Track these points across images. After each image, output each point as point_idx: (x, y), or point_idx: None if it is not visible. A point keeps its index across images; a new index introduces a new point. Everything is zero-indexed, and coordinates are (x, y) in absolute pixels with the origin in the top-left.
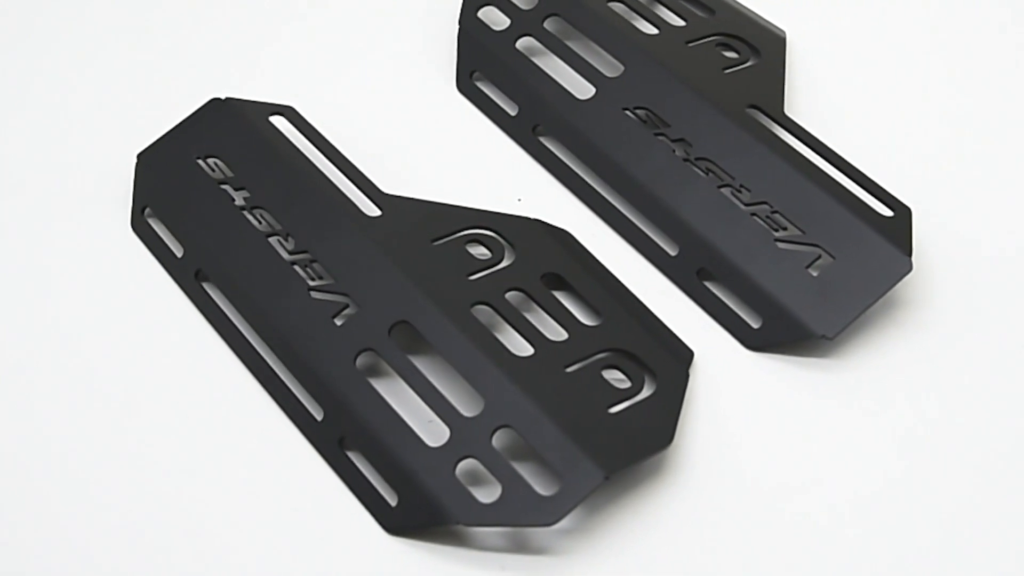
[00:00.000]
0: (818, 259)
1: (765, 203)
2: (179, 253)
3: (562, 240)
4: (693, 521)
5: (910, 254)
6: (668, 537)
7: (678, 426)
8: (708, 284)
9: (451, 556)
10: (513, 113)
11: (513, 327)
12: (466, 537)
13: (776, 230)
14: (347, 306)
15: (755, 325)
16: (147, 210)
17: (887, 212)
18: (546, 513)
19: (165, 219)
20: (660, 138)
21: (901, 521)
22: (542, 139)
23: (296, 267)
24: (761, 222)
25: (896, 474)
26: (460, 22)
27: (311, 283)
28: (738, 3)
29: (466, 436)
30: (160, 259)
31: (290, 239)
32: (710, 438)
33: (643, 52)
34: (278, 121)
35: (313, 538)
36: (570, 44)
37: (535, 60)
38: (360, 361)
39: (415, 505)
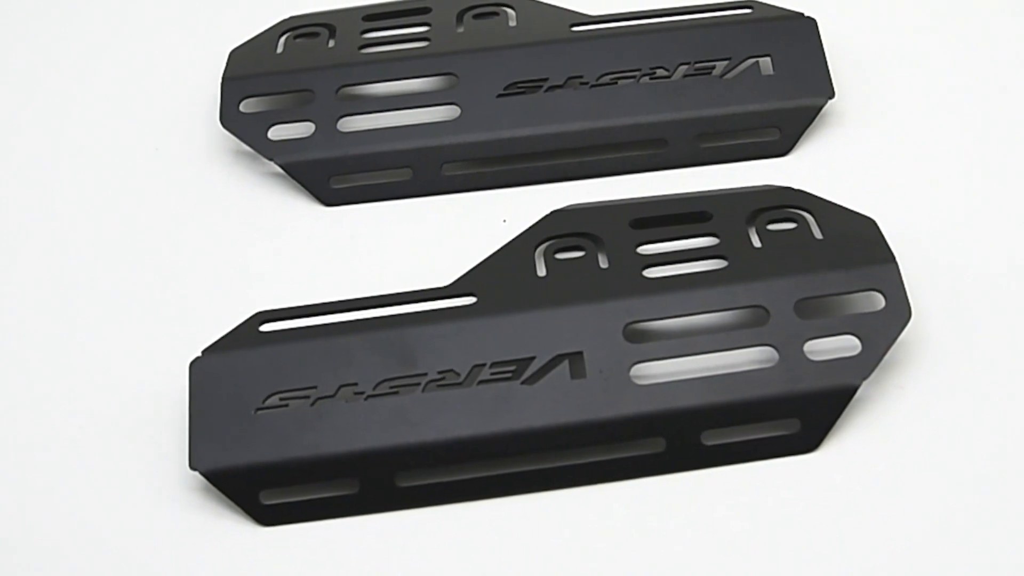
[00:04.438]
0: (758, 65)
1: (682, 64)
2: (331, 493)
3: (591, 206)
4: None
5: (803, 15)
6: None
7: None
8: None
9: (865, 417)
10: (407, 177)
11: (687, 261)
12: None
13: (710, 72)
14: (567, 362)
15: (774, 138)
16: (261, 494)
17: (748, 10)
18: (901, 315)
19: (285, 482)
20: (552, 91)
21: None
22: (455, 173)
23: (481, 385)
24: (696, 77)
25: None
26: (273, 160)
27: (518, 379)
28: None
29: (784, 335)
30: (324, 515)
31: (446, 374)
32: None
33: (452, 55)
34: (269, 327)
35: (784, 513)
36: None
37: (374, 129)
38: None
39: (815, 411)
